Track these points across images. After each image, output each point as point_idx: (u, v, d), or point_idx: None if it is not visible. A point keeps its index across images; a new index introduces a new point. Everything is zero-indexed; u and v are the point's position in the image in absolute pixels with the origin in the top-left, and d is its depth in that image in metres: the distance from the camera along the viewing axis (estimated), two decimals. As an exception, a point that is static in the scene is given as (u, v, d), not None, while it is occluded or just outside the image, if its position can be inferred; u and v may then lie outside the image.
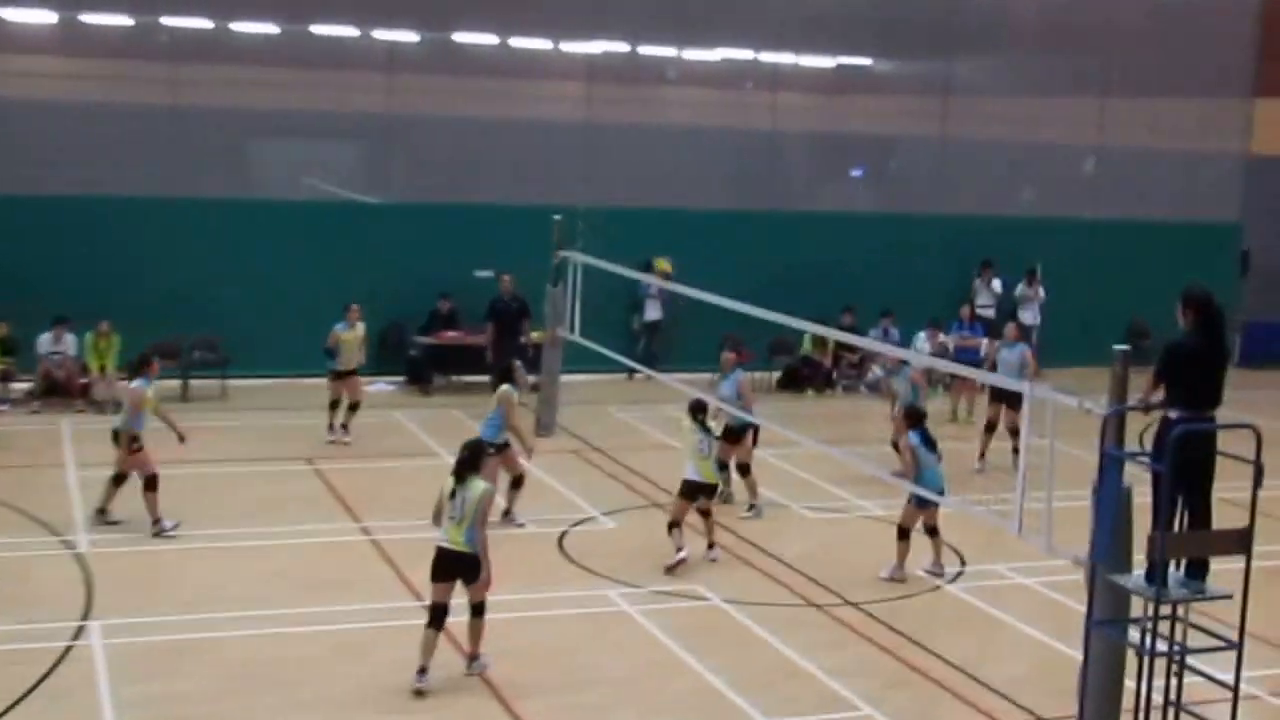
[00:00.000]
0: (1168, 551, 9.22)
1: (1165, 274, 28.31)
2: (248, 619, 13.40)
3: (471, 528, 12.14)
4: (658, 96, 28.54)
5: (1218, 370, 9.74)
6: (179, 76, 24.14)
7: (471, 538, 12.15)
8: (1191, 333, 9.76)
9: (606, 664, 12.77)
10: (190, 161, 25.29)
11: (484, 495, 12.21)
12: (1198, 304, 9.76)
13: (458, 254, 24.78)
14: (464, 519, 12.13)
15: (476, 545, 12.14)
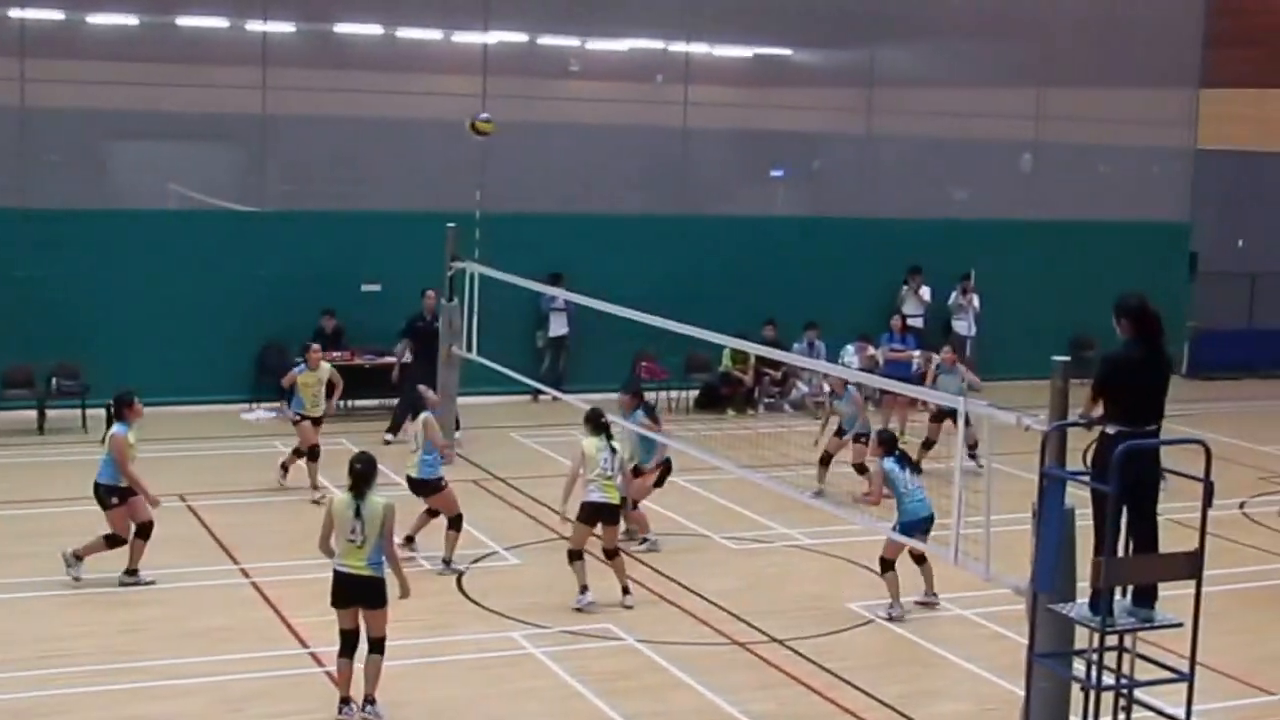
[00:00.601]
0: (1113, 578, 9.38)
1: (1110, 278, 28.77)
2: (107, 674, 13.22)
3: (376, 549, 12.18)
4: (560, 91, 28.57)
5: (1158, 383, 9.93)
6: (28, 73, 23.86)
7: (376, 560, 12.19)
8: (1129, 344, 9.95)
9: (512, 713, 12.77)
10: (42, 168, 25.05)
11: (386, 511, 12.24)
12: (1133, 314, 9.95)
13: (343, 266, 24.71)
14: (365, 541, 12.15)
15: (382, 569, 12.18)
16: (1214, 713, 12.74)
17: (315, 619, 14.67)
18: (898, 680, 13.72)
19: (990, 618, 15.25)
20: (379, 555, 12.25)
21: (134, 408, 16.00)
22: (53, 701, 12.66)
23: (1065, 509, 9.58)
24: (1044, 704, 9.82)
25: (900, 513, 14.93)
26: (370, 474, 12.48)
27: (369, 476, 12.44)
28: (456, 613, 15.26)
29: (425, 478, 16.56)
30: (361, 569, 12.23)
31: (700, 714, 12.88)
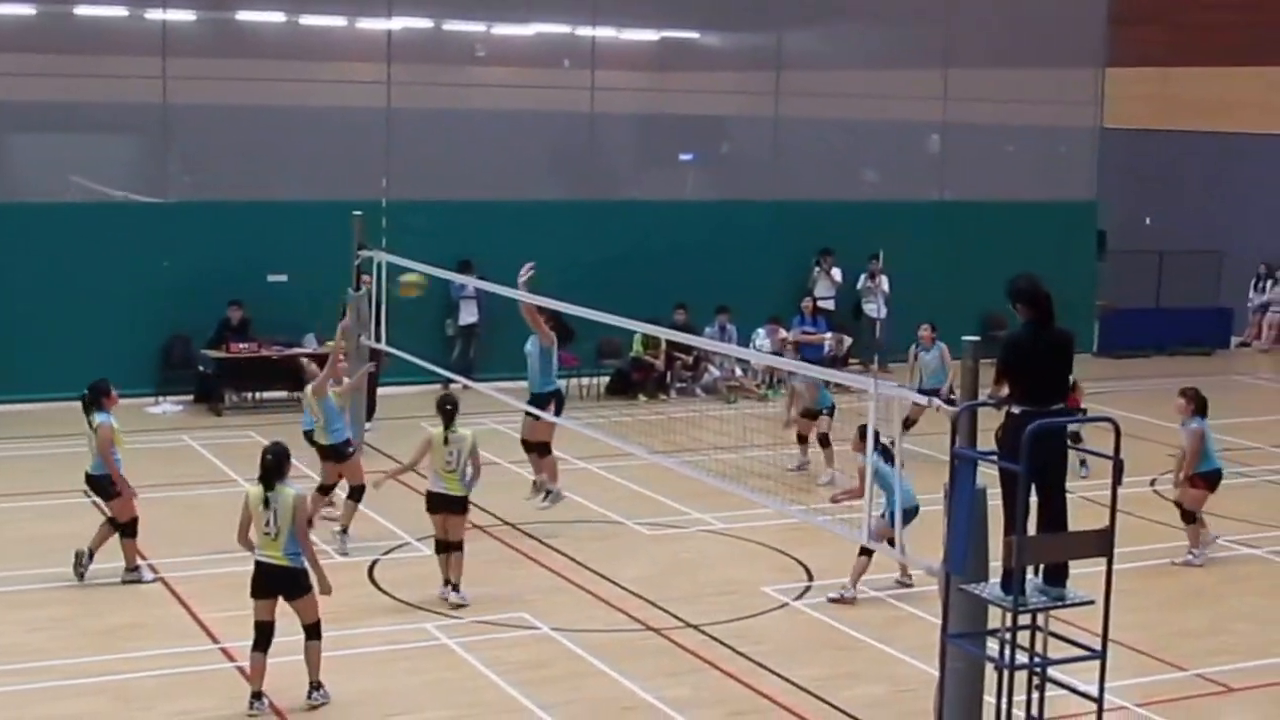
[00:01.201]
0: (1024, 557, 9.43)
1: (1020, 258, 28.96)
2: (11, 674, 13.03)
3: (291, 539, 12.16)
4: (465, 77, 28.42)
5: (1057, 363, 10.00)
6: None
7: (292, 550, 12.17)
8: (1025, 325, 10.04)
9: (426, 705, 12.71)
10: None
11: (297, 501, 12.23)
12: (1023, 296, 10.02)
13: (248, 257, 24.45)
14: (279, 531, 12.15)
15: (300, 559, 12.18)
16: (1126, 689, 12.86)
17: (225, 614, 14.57)
18: (814, 664, 13.76)
19: (905, 599, 15.33)
20: (296, 545, 12.24)
21: (111, 396, 15.96)
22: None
23: (976, 489, 9.61)
24: (958, 684, 9.85)
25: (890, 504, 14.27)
26: (281, 464, 12.42)
27: (280, 467, 12.39)
28: (368, 605, 15.15)
29: (334, 443, 16.80)
30: (279, 559, 12.24)
31: (615, 702, 12.86)
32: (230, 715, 12.33)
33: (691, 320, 25.61)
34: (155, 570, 15.77)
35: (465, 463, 15.06)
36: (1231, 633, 14.86)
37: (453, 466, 15.02)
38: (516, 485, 19.78)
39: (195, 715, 12.32)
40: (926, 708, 11.36)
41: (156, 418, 23.54)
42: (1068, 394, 10.03)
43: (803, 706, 12.79)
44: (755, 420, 22.18)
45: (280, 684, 12.62)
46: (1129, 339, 31.21)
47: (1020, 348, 9.99)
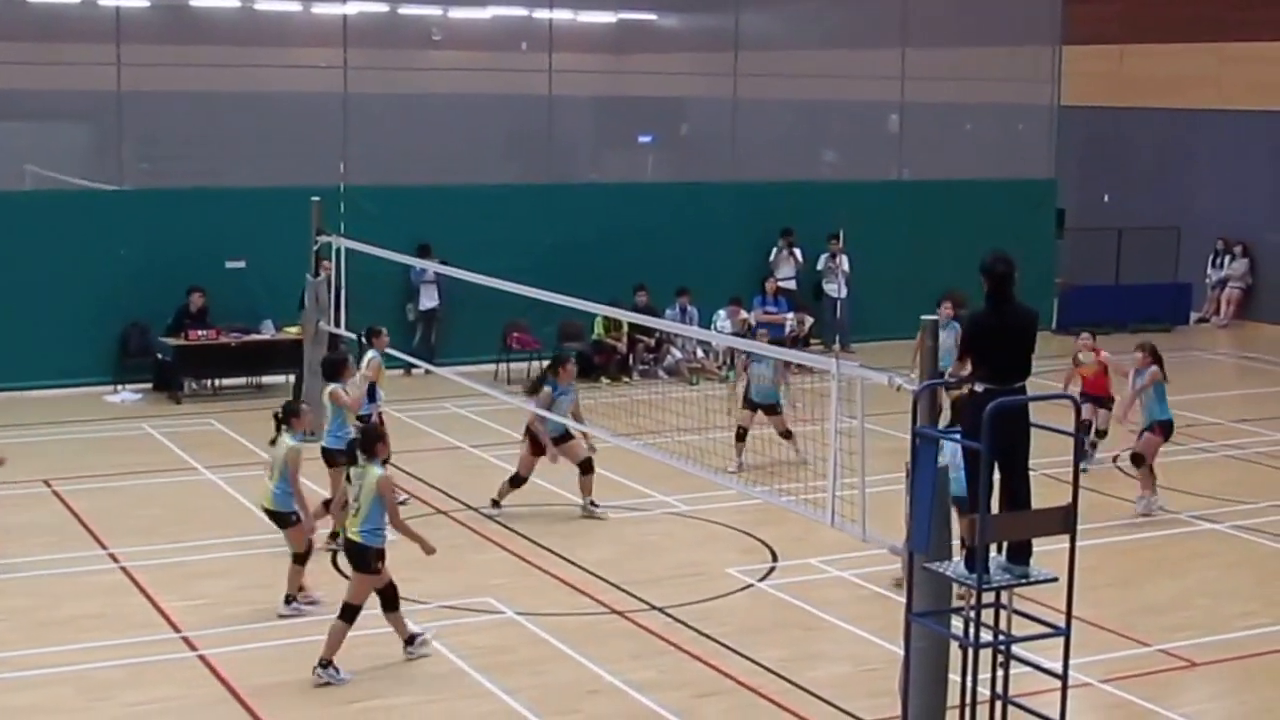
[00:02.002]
0: (987, 535, 9.44)
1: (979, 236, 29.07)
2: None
3: (368, 518, 12.85)
4: (423, 61, 28.33)
5: (1019, 340, 10.02)
6: (-124, 54, 23.28)
7: (367, 528, 12.85)
8: (988, 302, 10.05)
9: (391, 690, 12.66)
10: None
11: (380, 482, 12.86)
12: (985, 272, 10.05)
13: (206, 244, 24.28)
14: (359, 509, 12.85)
15: (373, 537, 12.85)
16: (1090, 665, 12.92)
17: (186, 603, 14.53)
18: (779, 644, 13.77)
19: (869, 579, 15.34)
20: (372, 524, 12.78)
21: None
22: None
23: (938, 468, 9.61)
24: (923, 663, 9.86)
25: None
26: (369, 443, 13.07)
27: (368, 445, 13.06)
28: (332, 591, 15.04)
29: (334, 446, 16.14)
30: (355, 536, 12.86)
31: (581, 685, 12.84)
32: (193, 705, 12.28)
33: (653, 302, 25.59)
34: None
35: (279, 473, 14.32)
36: (1193, 608, 14.94)
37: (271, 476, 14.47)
38: (480, 469, 19.80)
39: (157, 705, 12.25)
40: (891, 687, 11.36)
41: (115, 406, 23.39)
42: (1029, 372, 10.03)
43: (768, 687, 12.80)
44: (718, 401, 22.19)
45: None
46: (1088, 316, 31.20)
47: (981, 326, 10.01)
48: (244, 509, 17.81)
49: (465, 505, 18.07)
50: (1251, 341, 31.07)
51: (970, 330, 10.08)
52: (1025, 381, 10.00)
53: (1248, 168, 32.84)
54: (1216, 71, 33.13)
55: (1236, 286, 33.24)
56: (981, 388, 9.73)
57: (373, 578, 12.95)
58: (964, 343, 10.09)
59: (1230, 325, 32.90)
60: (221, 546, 16.30)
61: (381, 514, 12.88)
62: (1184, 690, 13.09)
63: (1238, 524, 17.65)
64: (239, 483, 18.81)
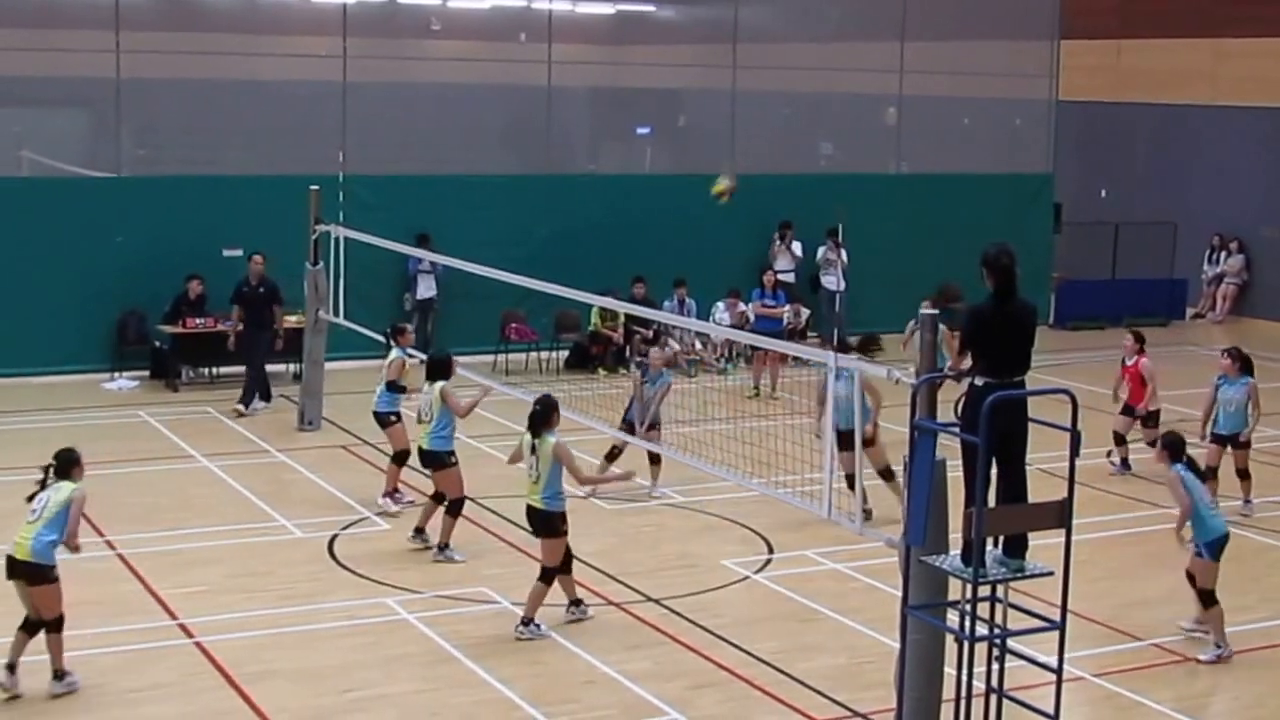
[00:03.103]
0: (984, 529, 9.43)
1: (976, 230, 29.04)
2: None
3: (548, 484, 13.48)
4: (421, 51, 28.28)
5: (1019, 334, 10.00)
6: (-128, 39, 23.23)
7: (548, 494, 13.50)
8: (989, 296, 10.03)
9: (386, 680, 12.66)
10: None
11: (556, 450, 13.45)
12: (987, 265, 10.02)
13: (204, 231, 24.26)
14: (539, 476, 13.53)
15: (554, 501, 13.54)
16: (1085, 659, 12.93)
17: (182, 589, 14.53)
18: (773, 636, 13.78)
19: (863, 571, 15.36)
20: (551, 490, 13.47)
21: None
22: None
23: (936, 461, 9.61)
24: (918, 656, 9.87)
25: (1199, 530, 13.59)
26: (547, 414, 13.65)
27: (546, 417, 13.62)
28: (327, 579, 15.10)
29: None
30: (537, 502, 13.53)
31: (576, 675, 12.85)
32: (189, 691, 12.28)
33: (651, 294, 25.57)
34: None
35: None
36: (1188, 602, 14.86)
37: None
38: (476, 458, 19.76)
39: (154, 691, 12.26)
40: (886, 679, 11.39)
41: (112, 394, 23.39)
42: (1029, 366, 10.02)
43: (763, 678, 12.81)
44: (714, 394, 22.19)
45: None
46: (1085, 310, 31.35)
47: (982, 319, 9.99)
48: (240, 496, 17.85)
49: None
50: (1247, 337, 30.99)
51: (971, 323, 10.05)
52: (1024, 376, 9.99)
53: (1244, 163, 32.85)
54: (1213, 67, 33.13)
55: (1232, 282, 33.25)
56: (981, 381, 9.72)
57: (561, 539, 13.63)
58: (964, 336, 10.07)
59: (1226, 321, 32.92)
60: (218, 534, 16.31)
61: (560, 479, 13.56)
62: (1178, 684, 13.09)
63: (1233, 519, 17.62)
64: (235, 471, 18.83)
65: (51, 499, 12.16)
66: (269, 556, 15.71)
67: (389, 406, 17.36)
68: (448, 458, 15.74)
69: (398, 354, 17.49)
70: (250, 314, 22.64)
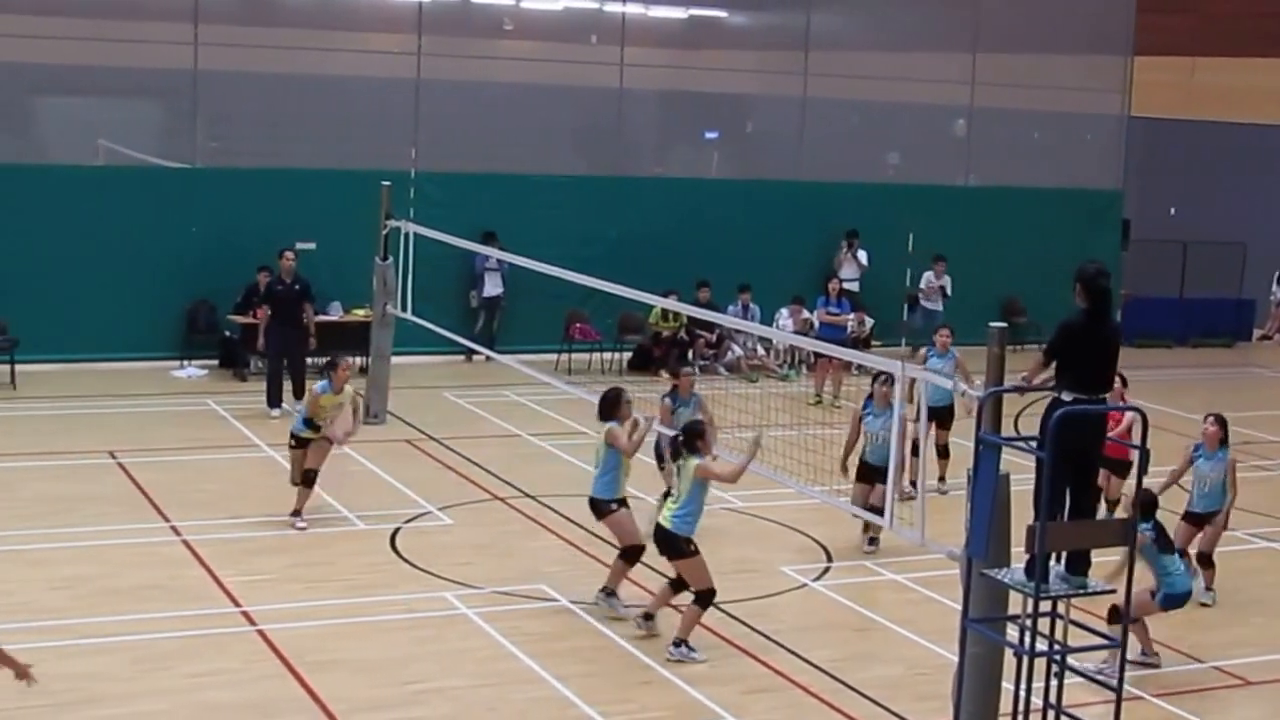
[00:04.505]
0: (1048, 544, 9.38)
1: (1042, 246, 29.10)
2: (33, 631, 12.96)
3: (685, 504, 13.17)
4: (494, 50, 28.35)
5: (1110, 354, 9.94)
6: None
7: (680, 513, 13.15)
8: (1082, 312, 9.96)
9: (444, 674, 12.68)
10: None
11: (698, 470, 13.15)
12: (1084, 281, 9.95)
13: (276, 224, 24.37)
14: (679, 496, 13.24)
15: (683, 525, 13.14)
16: (1144, 679, 12.83)
17: (245, 577, 14.62)
18: (830, 644, 13.73)
19: (922, 582, 15.29)
20: (687, 509, 13.15)
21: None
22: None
23: (999, 475, 9.57)
24: (977, 669, 9.83)
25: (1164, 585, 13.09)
26: (690, 440, 13.28)
27: (689, 442, 13.27)
28: (388, 572, 15.15)
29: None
30: (665, 521, 13.26)
31: (632, 676, 12.84)
32: (249, 678, 12.33)
33: (714, 299, 25.56)
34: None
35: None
36: (1248, 625, 14.80)
37: None
38: (538, 457, 19.87)
39: (214, 677, 12.31)
40: (942, 691, 11.34)
41: (180, 381, 23.58)
42: (1111, 386, 9.95)
43: (818, 686, 12.76)
44: (777, 399, 22.16)
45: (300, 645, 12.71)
46: (1151, 328, 31.10)
47: (1076, 334, 9.89)
48: (304, 487, 17.94)
49: (521, 492, 18.11)
50: (1312, 361, 30.82)
51: (1063, 336, 9.95)
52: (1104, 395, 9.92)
53: (1318, 185, 32.56)
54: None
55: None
56: (1069, 397, 9.64)
57: (695, 559, 13.25)
58: (1052, 348, 9.96)
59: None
60: (280, 524, 16.38)
61: (699, 502, 13.22)
62: (1238, 708, 12.96)
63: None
64: (300, 461, 18.93)
65: None
66: (331, 547, 15.79)
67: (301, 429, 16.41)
68: (608, 505, 14.25)
69: (321, 388, 16.34)
70: (282, 312, 21.95)
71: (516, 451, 20.22)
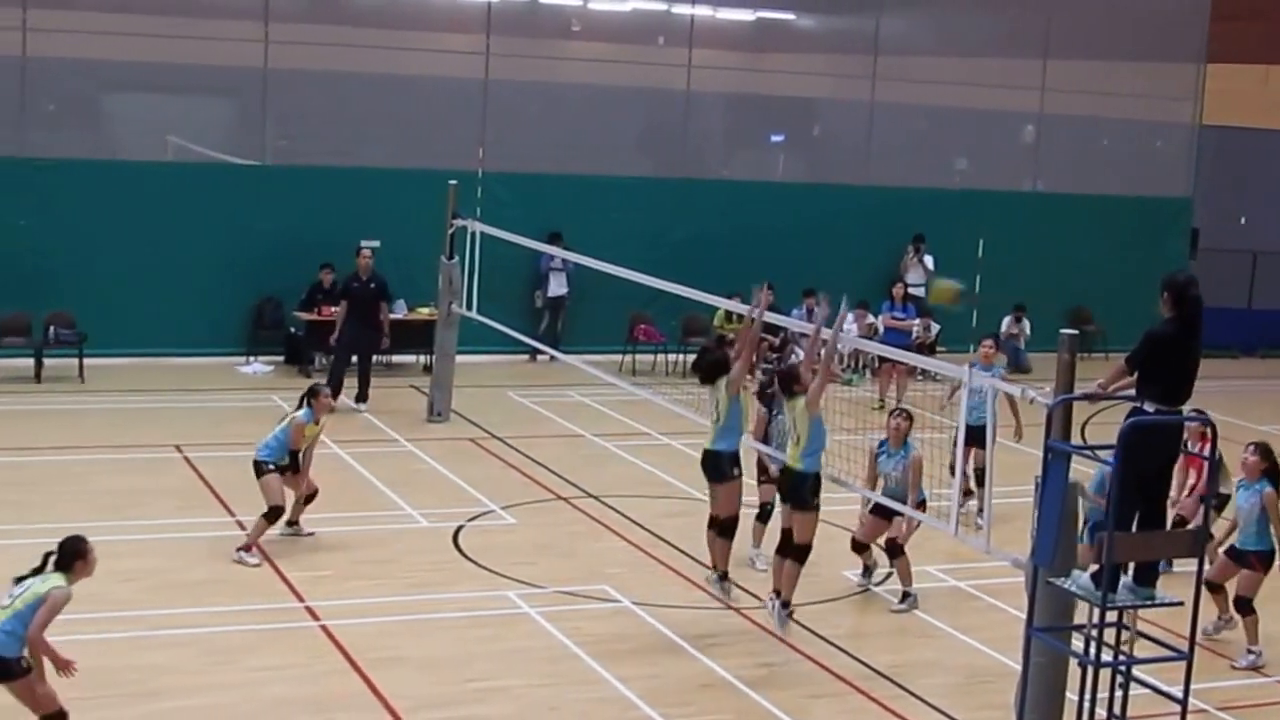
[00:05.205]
0: (1116, 554, 9.33)
1: (1110, 253, 28.91)
2: (102, 622, 13.06)
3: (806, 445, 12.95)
4: (562, 51, 28.43)
5: (1195, 366, 9.84)
6: (30, 23, 23.71)
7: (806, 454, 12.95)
8: (1168, 322, 9.86)
9: (504, 672, 12.74)
10: (42, 118, 24.95)
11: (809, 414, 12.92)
12: (1176, 291, 9.85)
13: (342, 222, 24.54)
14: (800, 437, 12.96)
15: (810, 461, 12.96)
16: (1209, 692, 12.70)
17: (311, 573, 14.71)
18: (891, 650, 13.70)
19: (984, 590, 15.23)
20: (814, 447, 12.95)
21: None
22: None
23: (1068, 483, 9.52)
24: (1040, 678, 9.78)
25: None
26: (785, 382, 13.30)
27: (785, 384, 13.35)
28: (452, 570, 15.22)
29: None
30: (796, 462, 13.03)
31: (694, 679, 12.84)
32: (313, 673, 12.42)
33: (779, 303, 25.48)
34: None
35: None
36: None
37: None
38: (601, 458, 19.90)
39: (278, 671, 12.41)
40: (1003, 700, 11.30)
41: (246, 377, 23.77)
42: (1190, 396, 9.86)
43: (879, 691, 12.73)
44: (840, 404, 22.04)
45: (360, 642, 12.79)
46: (1218, 338, 30.67)
47: (1165, 345, 9.79)
48: (368, 484, 18.05)
49: (585, 492, 18.15)
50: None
51: (1152, 348, 9.84)
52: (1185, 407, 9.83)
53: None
54: (1363, 96, 32.51)
55: (1370, 318, 32.50)
56: (1153, 408, 9.54)
57: (816, 514, 13.16)
58: (1136, 357, 9.88)
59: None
60: (345, 520, 16.49)
61: (821, 437, 13.02)
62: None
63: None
64: (364, 459, 19.05)
65: (31, 588, 10.40)
66: (394, 544, 15.88)
67: (270, 455, 15.44)
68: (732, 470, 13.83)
69: (304, 417, 15.65)
70: (358, 309, 22.06)
71: (580, 452, 20.27)
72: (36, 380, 22.54)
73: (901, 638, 14.14)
